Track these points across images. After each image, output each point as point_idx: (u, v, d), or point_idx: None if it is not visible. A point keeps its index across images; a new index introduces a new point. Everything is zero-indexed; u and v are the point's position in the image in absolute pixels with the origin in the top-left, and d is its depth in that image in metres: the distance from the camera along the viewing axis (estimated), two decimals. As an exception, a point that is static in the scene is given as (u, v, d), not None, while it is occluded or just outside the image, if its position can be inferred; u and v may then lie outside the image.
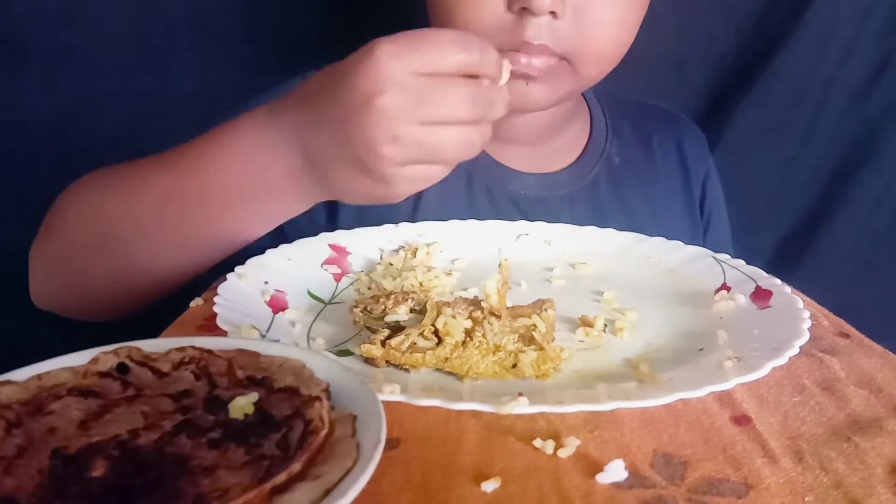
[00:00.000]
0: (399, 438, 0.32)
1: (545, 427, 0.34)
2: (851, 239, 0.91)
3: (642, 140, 0.77)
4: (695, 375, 0.38)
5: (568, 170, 0.72)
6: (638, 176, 0.74)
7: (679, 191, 0.77)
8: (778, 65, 0.87)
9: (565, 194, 0.71)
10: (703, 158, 0.80)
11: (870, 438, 0.33)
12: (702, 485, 0.30)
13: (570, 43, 0.58)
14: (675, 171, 0.77)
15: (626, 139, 0.76)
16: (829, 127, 0.89)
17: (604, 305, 0.50)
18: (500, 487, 0.29)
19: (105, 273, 0.55)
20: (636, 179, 0.74)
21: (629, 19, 0.61)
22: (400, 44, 0.43)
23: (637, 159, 0.75)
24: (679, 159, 0.78)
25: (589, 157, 0.73)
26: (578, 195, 0.71)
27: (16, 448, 0.26)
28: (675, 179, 0.77)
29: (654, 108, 0.82)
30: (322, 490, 0.24)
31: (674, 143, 0.78)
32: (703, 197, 0.79)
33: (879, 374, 0.40)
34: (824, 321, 0.48)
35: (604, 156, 0.73)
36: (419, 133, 0.43)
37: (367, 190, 0.47)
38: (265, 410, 0.29)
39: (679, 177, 0.77)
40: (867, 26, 0.85)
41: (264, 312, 0.45)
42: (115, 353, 0.32)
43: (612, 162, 0.74)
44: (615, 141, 0.75)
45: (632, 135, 0.76)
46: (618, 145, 0.75)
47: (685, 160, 0.78)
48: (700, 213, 0.78)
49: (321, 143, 0.47)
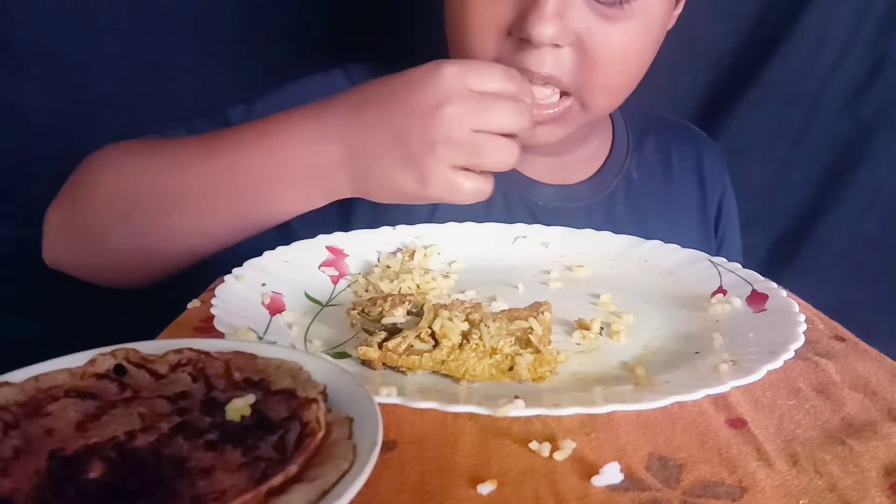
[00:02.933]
0: (395, 441, 0.33)
1: (541, 430, 0.34)
2: (844, 240, 0.91)
3: (662, 156, 0.77)
4: (691, 378, 0.38)
5: (587, 182, 0.72)
6: (655, 192, 0.74)
7: (695, 208, 0.77)
8: (772, 67, 0.87)
9: (582, 206, 0.71)
10: (720, 177, 0.80)
11: (864, 442, 0.34)
12: (697, 487, 0.30)
13: (576, 75, 0.58)
14: (692, 188, 0.77)
15: (647, 154, 0.76)
16: (823, 129, 0.89)
17: (600, 308, 0.50)
18: (496, 490, 0.29)
19: (133, 239, 0.58)
20: (653, 195, 0.74)
21: (637, 48, 0.60)
22: (462, 66, 0.51)
23: (656, 175, 0.75)
24: (697, 177, 0.78)
25: (608, 170, 0.73)
26: (596, 208, 0.71)
27: (13, 450, 0.26)
28: (692, 197, 0.77)
29: (673, 122, 0.82)
30: (318, 492, 0.24)
31: (693, 160, 0.78)
32: (717, 216, 0.79)
33: (874, 377, 0.40)
34: (819, 325, 0.48)
35: (623, 170, 0.74)
36: (470, 137, 0.50)
37: (405, 185, 0.52)
38: (262, 412, 0.29)
39: (696, 194, 0.77)
40: (861, 30, 0.86)
41: (262, 314, 0.45)
42: (112, 355, 0.32)
43: (631, 177, 0.74)
44: (635, 156, 0.75)
45: (652, 150, 0.76)
46: (638, 160, 0.75)
47: (703, 178, 0.78)
48: (714, 232, 0.78)
49: (373, 140, 0.52)
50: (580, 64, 0.57)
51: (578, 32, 0.56)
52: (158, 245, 0.58)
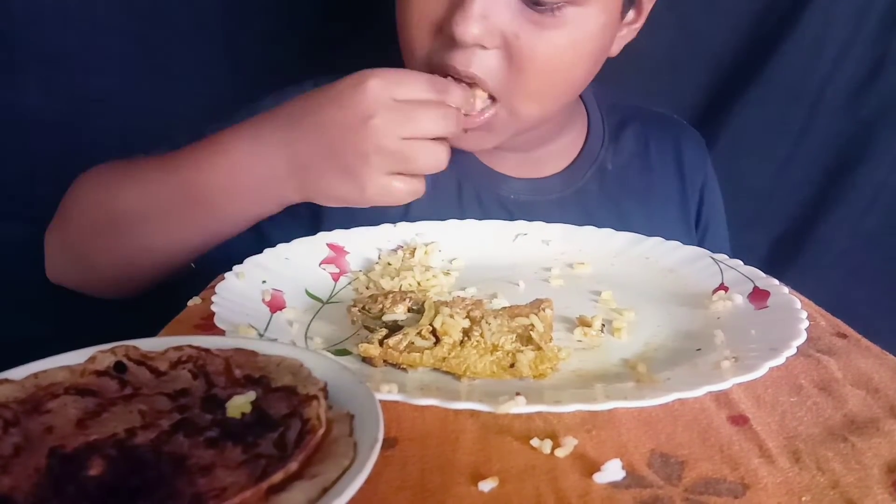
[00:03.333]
0: (396, 438, 0.32)
1: (542, 427, 0.34)
2: (845, 239, 0.91)
3: (640, 146, 0.76)
4: (692, 375, 0.38)
5: (558, 175, 0.72)
6: (632, 183, 0.74)
7: (675, 198, 0.77)
8: (773, 65, 0.87)
9: (555, 199, 0.71)
10: (701, 166, 0.80)
11: (866, 439, 0.34)
12: (699, 484, 0.30)
13: (502, 79, 0.57)
14: (672, 178, 0.77)
15: (623, 145, 0.75)
16: (824, 127, 0.89)
17: (602, 305, 0.50)
18: (497, 487, 0.29)
19: (110, 254, 0.61)
20: (630, 186, 0.74)
21: (568, 59, 0.59)
22: (385, 77, 0.52)
23: (633, 166, 0.75)
24: (677, 166, 0.77)
25: (581, 163, 0.73)
26: (568, 200, 0.71)
27: (13, 447, 0.26)
28: (672, 186, 0.77)
29: (653, 113, 0.82)
30: (319, 489, 0.24)
31: (672, 149, 0.78)
32: (700, 204, 0.78)
33: (876, 374, 0.40)
34: (822, 321, 0.48)
35: (597, 162, 0.73)
36: (400, 145, 0.51)
37: (345, 193, 0.54)
38: (262, 409, 0.29)
39: (676, 184, 0.77)
40: (862, 28, 0.86)
41: (262, 311, 0.45)
42: (112, 352, 0.32)
43: (605, 168, 0.73)
44: (611, 147, 0.75)
45: (630, 141, 0.76)
46: (613, 151, 0.74)
47: (683, 167, 0.77)
48: (697, 221, 0.78)
49: (310, 153, 0.53)
50: (507, 68, 0.57)
51: (506, 36, 0.56)
52: (135, 259, 0.61)
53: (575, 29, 0.57)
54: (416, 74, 0.54)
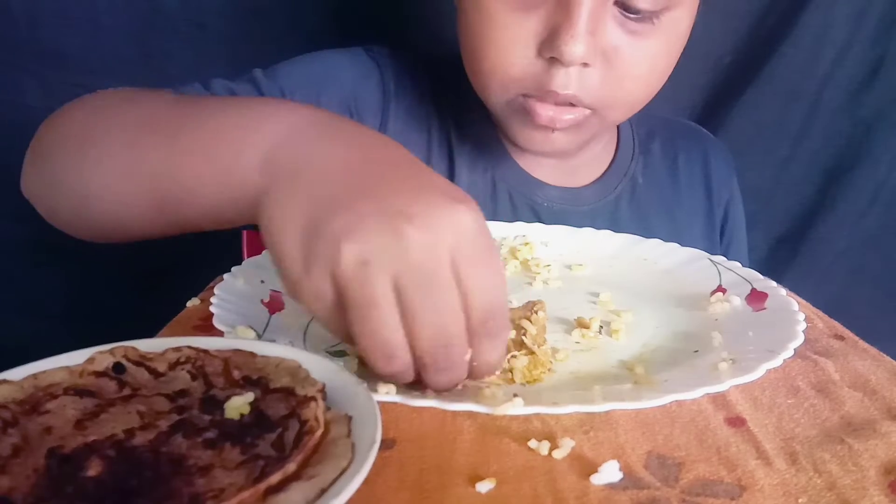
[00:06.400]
0: (394, 439, 0.33)
1: (540, 428, 0.34)
2: (844, 239, 0.91)
3: (668, 160, 0.76)
4: (690, 377, 0.38)
5: (592, 186, 0.72)
6: (661, 197, 0.74)
7: (701, 215, 0.76)
8: (773, 66, 0.87)
9: (587, 210, 0.70)
10: (728, 181, 0.79)
11: (863, 440, 0.34)
12: (696, 486, 0.30)
13: (600, 93, 0.57)
14: (698, 193, 0.76)
15: (652, 159, 0.75)
16: (823, 128, 0.89)
17: (600, 307, 0.50)
18: (494, 488, 0.29)
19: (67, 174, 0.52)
20: (659, 200, 0.73)
21: (661, 66, 0.59)
22: (475, 228, 0.34)
23: (661, 180, 0.75)
24: (704, 181, 0.77)
25: (613, 174, 0.73)
26: (600, 212, 0.70)
27: (11, 447, 0.26)
28: (699, 202, 0.76)
29: (681, 124, 0.81)
30: (317, 490, 0.24)
31: (700, 164, 0.77)
32: (724, 220, 0.78)
33: (873, 376, 0.40)
34: (819, 323, 0.48)
35: (628, 175, 0.73)
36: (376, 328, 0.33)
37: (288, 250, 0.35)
38: (261, 410, 0.29)
39: (702, 201, 0.76)
40: (861, 28, 0.86)
41: (261, 312, 0.45)
42: (111, 353, 0.32)
43: (637, 181, 0.73)
44: (641, 160, 0.74)
45: (658, 154, 0.75)
46: (643, 164, 0.74)
47: (710, 182, 0.77)
48: (720, 237, 0.78)
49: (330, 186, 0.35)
50: (605, 82, 0.56)
51: (606, 51, 0.55)
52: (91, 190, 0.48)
53: (670, 34, 0.57)
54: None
